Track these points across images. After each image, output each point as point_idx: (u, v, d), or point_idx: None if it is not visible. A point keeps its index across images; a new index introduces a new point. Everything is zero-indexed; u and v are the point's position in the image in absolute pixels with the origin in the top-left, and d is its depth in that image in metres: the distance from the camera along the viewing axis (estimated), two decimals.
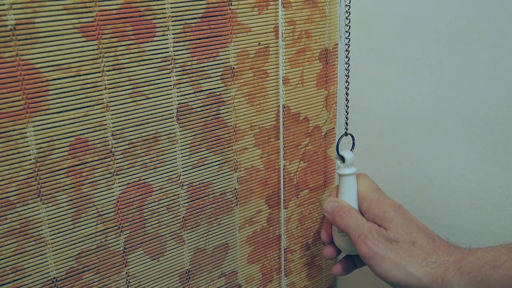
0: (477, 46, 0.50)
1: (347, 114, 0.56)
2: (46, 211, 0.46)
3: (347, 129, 0.56)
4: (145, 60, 0.48)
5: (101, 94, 0.47)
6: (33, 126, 0.44)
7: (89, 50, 0.45)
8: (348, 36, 0.54)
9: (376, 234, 0.48)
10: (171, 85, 0.50)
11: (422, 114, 0.56)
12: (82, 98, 0.46)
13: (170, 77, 0.50)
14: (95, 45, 0.45)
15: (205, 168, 0.55)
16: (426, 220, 0.59)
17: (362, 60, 0.60)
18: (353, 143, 0.56)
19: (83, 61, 0.45)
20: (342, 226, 0.51)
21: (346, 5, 0.54)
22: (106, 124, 0.48)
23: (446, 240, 0.48)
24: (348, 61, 0.55)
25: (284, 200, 0.63)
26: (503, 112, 0.50)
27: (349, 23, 0.54)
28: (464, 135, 0.53)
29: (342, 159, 0.54)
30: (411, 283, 0.46)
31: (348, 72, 0.55)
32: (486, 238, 0.54)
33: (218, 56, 0.53)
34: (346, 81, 0.55)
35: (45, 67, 0.43)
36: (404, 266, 0.46)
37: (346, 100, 0.55)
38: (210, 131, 0.55)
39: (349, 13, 0.54)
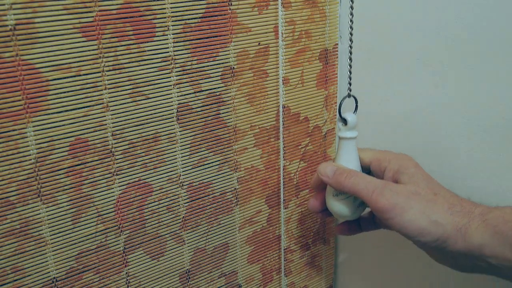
0: (477, 46, 0.50)
1: (350, 75, 0.52)
2: (46, 211, 0.46)
3: (350, 90, 0.52)
4: (145, 60, 0.48)
5: (101, 94, 0.47)
6: (33, 126, 0.44)
7: (89, 50, 0.45)
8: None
9: (394, 187, 0.45)
10: (171, 85, 0.50)
11: (422, 114, 0.56)
12: (82, 98, 0.46)
13: (170, 77, 0.50)
14: (95, 45, 0.45)
15: (205, 168, 0.55)
16: None
17: (362, 60, 0.60)
18: (356, 106, 0.52)
19: (83, 61, 0.45)
20: (349, 185, 0.47)
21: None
22: (106, 124, 0.48)
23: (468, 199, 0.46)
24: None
25: (284, 200, 0.63)
26: (503, 112, 0.50)
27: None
28: (465, 135, 0.53)
29: (344, 121, 0.51)
30: (435, 232, 0.43)
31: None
32: None
33: (218, 56, 0.53)
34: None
35: (45, 67, 0.43)
36: (428, 214, 0.43)
37: (349, 59, 0.52)
38: (210, 131, 0.55)
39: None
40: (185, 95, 0.52)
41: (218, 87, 0.54)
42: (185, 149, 0.53)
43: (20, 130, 0.43)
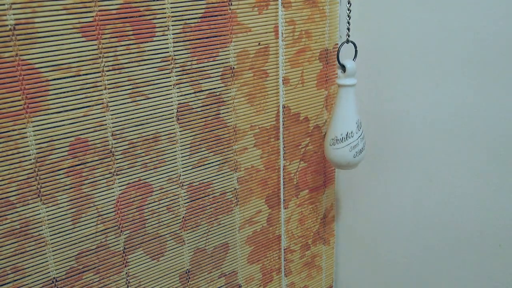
0: (477, 45, 0.50)
1: (349, 19, 0.53)
2: (46, 211, 0.46)
3: (349, 36, 0.53)
4: (145, 60, 0.48)
5: (101, 94, 0.47)
6: (33, 126, 0.44)
7: (89, 50, 0.45)
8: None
9: None
10: (171, 85, 0.50)
11: (422, 114, 0.56)
12: (82, 98, 0.46)
13: (170, 77, 0.50)
14: (95, 45, 0.45)
15: (205, 168, 0.55)
16: (425, 221, 0.59)
17: (363, 60, 0.60)
18: (356, 51, 0.53)
19: (83, 61, 0.45)
20: None
21: None
22: (106, 124, 0.48)
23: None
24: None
25: (284, 200, 0.63)
26: (504, 112, 0.50)
27: None
28: (464, 134, 0.53)
29: (343, 68, 0.52)
30: None
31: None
32: (485, 237, 0.54)
33: (218, 56, 0.53)
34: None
35: (45, 67, 0.43)
36: None
37: (348, 3, 0.53)
38: (210, 131, 0.55)
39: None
40: (185, 95, 0.52)
41: (218, 87, 0.54)
42: (185, 149, 0.53)
43: (20, 130, 0.43)
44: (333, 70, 0.62)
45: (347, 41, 0.53)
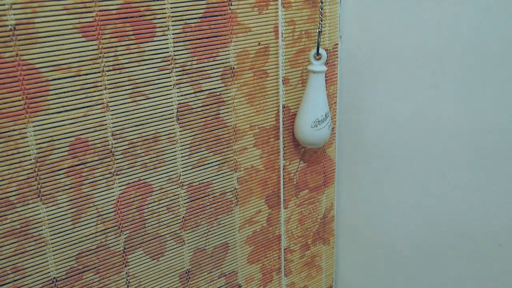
0: (476, 45, 0.50)
1: (321, 16, 0.58)
2: (46, 211, 0.46)
3: (321, 26, 0.58)
4: (145, 60, 0.48)
5: (101, 94, 0.47)
6: (33, 126, 0.44)
7: (89, 50, 0.45)
8: None
9: None
10: (171, 85, 0.50)
11: (422, 114, 0.56)
12: (82, 98, 0.46)
13: (170, 77, 0.50)
14: (95, 45, 0.45)
15: (205, 168, 0.55)
16: (425, 221, 0.59)
17: (362, 60, 0.60)
18: (318, 42, 0.58)
19: (83, 61, 0.45)
20: None
21: None
22: (106, 124, 0.48)
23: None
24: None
25: (284, 200, 0.63)
26: (504, 112, 0.50)
27: None
28: (465, 134, 0.53)
29: (319, 55, 0.57)
30: None
31: None
32: (485, 237, 0.54)
33: (218, 56, 0.53)
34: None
35: (45, 67, 0.43)
36: None
37: (321, 3, 0.58)
38: (210, 131, 0.55)
39: None
40: (185, 95, 0.52)
41: (218, 87, 0.54)
42: (185, 149, 0.53)
43: (20, 130, 0.43)
44: (333, 70, 0.62)
45: (321, 31, 0.58)
